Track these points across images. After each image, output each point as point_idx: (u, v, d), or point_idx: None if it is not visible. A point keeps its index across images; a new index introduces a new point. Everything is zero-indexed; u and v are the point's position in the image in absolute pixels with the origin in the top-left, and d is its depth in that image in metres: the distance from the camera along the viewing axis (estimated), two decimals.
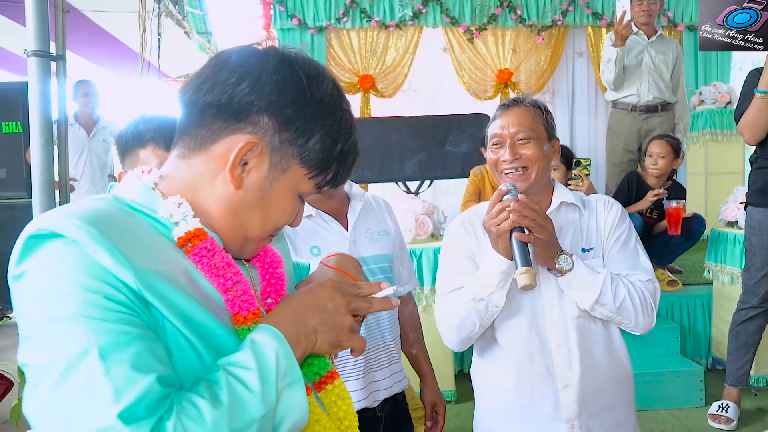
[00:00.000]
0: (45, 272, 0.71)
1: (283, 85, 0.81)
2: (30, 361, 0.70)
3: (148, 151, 1.47)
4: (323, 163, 0.85)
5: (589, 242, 1.65)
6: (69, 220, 0.72)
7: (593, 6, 6.34)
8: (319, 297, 0.85)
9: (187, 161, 0.84)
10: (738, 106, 3.07)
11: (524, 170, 1.60)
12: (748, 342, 3.19)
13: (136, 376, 0.67)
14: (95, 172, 5.06)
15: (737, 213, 3.70)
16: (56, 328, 0.69)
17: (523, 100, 1.67)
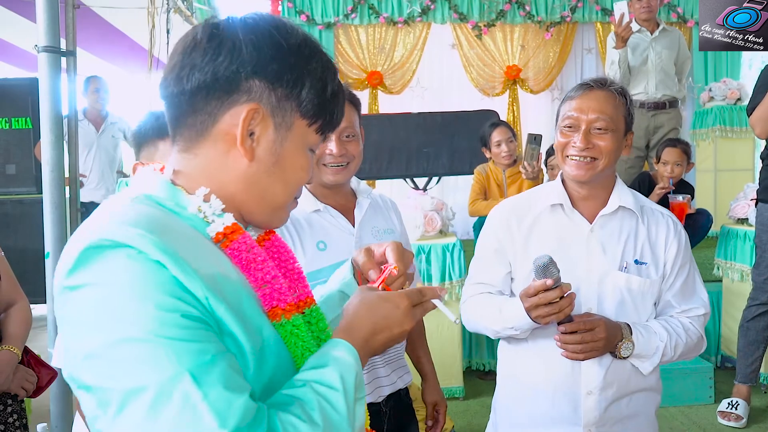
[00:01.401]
0: (113, 287, 0.68)
1: (259, 44, 0.80)
2: (101, 384, 0.68)
3: (168, 143, 1.48)
4: (320, 108, 0.85)
5: (643, 255, 1.55)
6: (131, 230, 0.70)
7: (602, 2, 6.30)
8: (390, 322, 0.88)
9: (193, 152, 0.83)
10: (751, 99, 3.05)
11: (593, 161, 1.49)
12: (758, 339, 3.17)
13: (232, 397, 0.67)
14: (104, 168, 5.09)
15: (747, 210, 3.68)
16: (134, 350, 0.67)
17: (609, 83, 1.52)
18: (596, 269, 1.53)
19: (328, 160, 1.62)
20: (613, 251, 1.54)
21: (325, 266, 1.65)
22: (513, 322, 1.49)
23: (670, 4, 6.23)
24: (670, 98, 4.44)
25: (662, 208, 1.65)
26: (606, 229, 1.55)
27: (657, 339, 1.51)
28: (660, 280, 1.56)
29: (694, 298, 1.60)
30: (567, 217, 1.57)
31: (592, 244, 1.54)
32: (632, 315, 1.55)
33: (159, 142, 1.49)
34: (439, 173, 5.24)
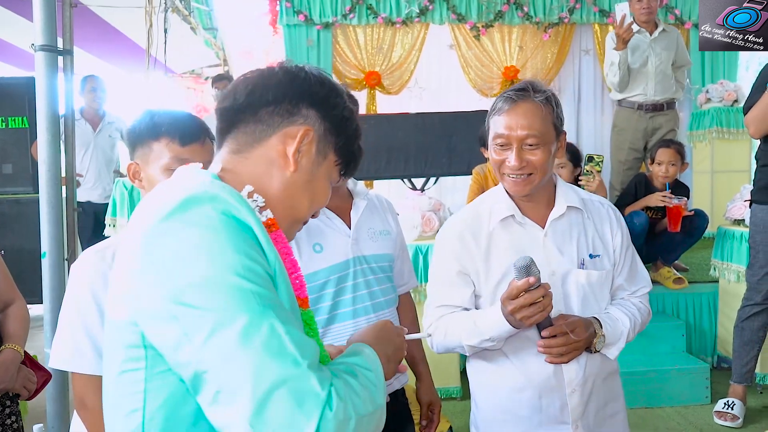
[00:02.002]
0: (213, 231, 0.79)
1: (323, 82, 0.98)
2: (191, 313, 0.75)
3: (162, 144, 1.47)
4: (349, 153, 1.02)
5: (595, 248, 1.60)
6: (224, 193, 0.84)
7: (600, 3, 6.30)
8: (390, 333, 1.06)
9: (245, 155, 0.96)
10: (748, 99, 3.06)
11: (528, 176, 1.53)
12: (753, 339, 3.18)
13: (308, 339, 0.80)
14: (101, 168, 5.07)
15: (744, 211, 3.69)
16: (226, 286, 0.76)
17: (532, 91, 1.53)
18: (557, 271, 1.57)
19: None
20: (569, 251, 1.58)
21: (322, 268, 1.66)
22: (491, 333, 1.49)
23: (667, 5, 6.23)
24: (668, 100, 4.45)
25: (600, 198, 1.71)
26: (557, 231, 1.59)
27: (621, 325, 1.60)
28: (612, 268, 1.64)
29: (639, 278, 1.71)
30: (519, 226, 1.60)
31: (548, 247, 1.58)
32: (594, 307, 1.60)
33: (153, 143, 1.48)
34: (437, 174, 5.24)
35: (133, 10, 4.79)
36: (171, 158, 1.46)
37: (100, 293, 1.41)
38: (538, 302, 1.40)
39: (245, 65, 7.24)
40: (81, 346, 1.40)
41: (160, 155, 1.47)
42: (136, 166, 1.51)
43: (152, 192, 0.95)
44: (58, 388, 2.39)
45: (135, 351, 0.82)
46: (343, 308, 1.68)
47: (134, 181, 1.52)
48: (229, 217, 0.81)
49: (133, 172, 1.51)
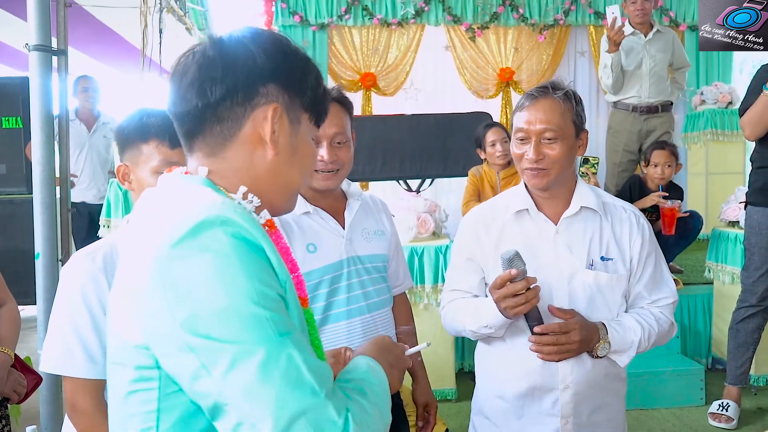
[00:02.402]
0: (225, 258, 0.77)
1: (269, 52, 0.91)
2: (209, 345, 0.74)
3: (151, 147, 1.46)
4: (317, 102, 0.97)
5: (609, 251, 1.61)
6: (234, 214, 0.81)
7: (595, 5, 6.32)
8: (387, 345, 1.06)
9: (221, 156, 0.92)
10: (744, 100, 3.06)
11: (546, 170, 1.56)
12: (748, 340, 3.19)
13: (321, 363, 0.80)
14: (96, 168, 5.05)
15: (738, 213, 3.70)
16: (242, 316, 0.75)
17: (553, 89, 1.58)
18: (565, 269, 1.59)
19: (320, 166, 1.62)
20: (579, 250, 1.60)
21: (315, 268, 1.65)
22: (487, 320, 1.55)
23: (662, 8, 6.26)
24: (663, 102, 4.43)
25: (624, 203, 1.71)
26: (571, 230, 1.62)
27: (632, 333, 1.58)
28: (627, 275, 1.62)
29: (662, 287, 1.67)
30: (532, 220, 1.64)
31: (558, 245, 1.61)
32: (603, 310, 1.60)
33: (142, 145, 1.46)
34: (433, 175, 5.24)
35: (128, 10, 4.77)
36: (160, 161, 1.45)
37: (90, 296, 1.40)
38: (520, 294, 1.44)
39: None
40: (72, 350, 1.38)
41: (150, 157, 1.46)
42: (125, 168, 1.49)
43: (145, 201, 0.94)
44: (52, 390, 2.37)
45: (147, 372, 0.81)
46: (337, 308, 1.68)
47: (124, 183, 1.51)
48: (241, 240, 0.78)
49: (123, 174, 1.50)
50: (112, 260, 1.45)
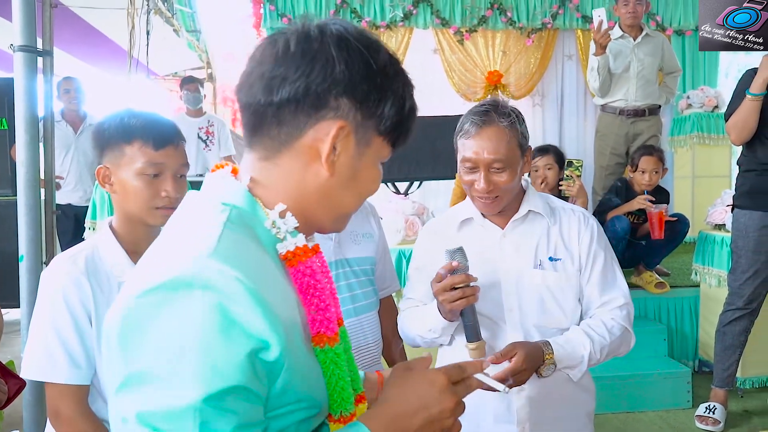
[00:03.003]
0: (184, 330, 0.68)
1: (351, 62, 0.80)
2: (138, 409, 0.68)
3: (135, 148, 1.43)
4: (398, 125, 0.86)
5: (557, 252, 1.63)
6: (214, 265, 0.70)
7: (583, 9, 6.36)
8: (425, 400, 0.83)
9: (273, 162, 0.84)
10: (729, 105, 3.10)
11: (496, 198, 1.59)
12: (734, 343, 3.21)
13: None
14: (82, 170, 5.00)
15: (725, 216, 3.73)
16: (172, 399, 0.67)
17: (496, 115, 1.56)
18: (512, 270, 1.61)
19: None
20: (526, 251, 1.62)
21: None
22: (431, 324, 1.57)
23: (649, 12, 6.30)
24: (650, 106, 4.46)
25: (574, 206, 1.73)
26: (517, 232, 1.65)
27: (580, 348, 1.55)
28: (577, 273, 1.62)
29: (613, 288, 1.64)
30: (481, 227, 1.68)
31: (505, 247, 1.64)
32: (555, 312, 1.60)
33: (125, 146, 1.43)
34: (421, 177, 5.23)
35: (115, 11, 4.74)
36: (145, 162, 1.43)
37: (73, 300, 1.38)
38: (458, 288, 1.44)
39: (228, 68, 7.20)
40: (54, 355, 1.36)
41: (133, 159, 1.43)
42: (106, 169, 1.46)
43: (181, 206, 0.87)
44: (35, 395, 2.34)
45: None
46: None
47: (104, 186, 1.48)
48: (219, 315, 0.69)
49: (103, 176, 1.47)
50: (94, 263, 1.43)
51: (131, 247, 1.48)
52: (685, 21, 6.40)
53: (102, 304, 1.40)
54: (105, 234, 1.49)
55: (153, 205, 1.45)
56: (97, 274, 1.42)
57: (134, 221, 1.48)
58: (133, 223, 1.49)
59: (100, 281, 1.42)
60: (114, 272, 1.44)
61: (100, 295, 1.41)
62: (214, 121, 5.49)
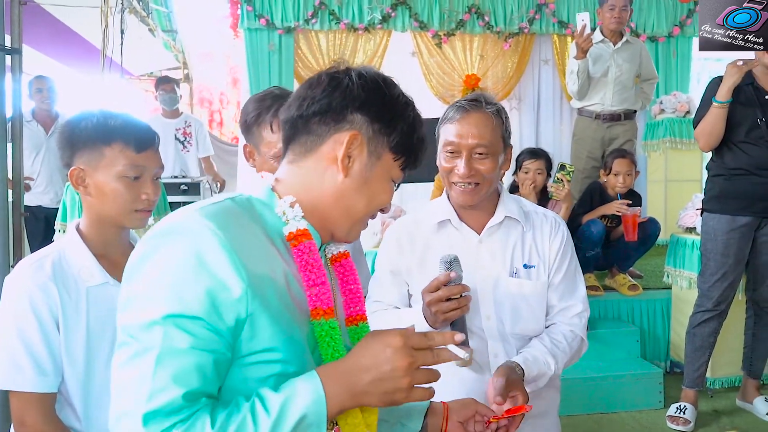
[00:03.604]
0: (164, 267, 0.86)
1: (367, 88, 1.00)
2: (123, 322, 0.89)
3: (116, 150, 1.41)
4: (406, 148, 1.04)
5: (531, 258, 1.63)
6: (198, 219, 0.89)
7: (559, 15, 6.43)
8: (377, 360, 0.89)
9: (298, 165, 1.02)
10: (697, 113, 3.16)
11: (476, 185, 1.56)
12: (704, 344, 3.26)
13: (171, 387, 0.83)
14: (53, 172, 4.91)
15: (695, 219, 3.79)
16: (144, 315, 0.85)
17: (483, 102, 1.57)
18: (488, 277, 1.60)
19: None
20: (502, 258, 1.61)
21: None
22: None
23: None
24: (626, 110, 4.51)
25: (546, 210, 1.72)
26: (493, 238, 1.63)
27: (545, 368, 1.54)
28: (547, 280, 1.63)
29: (573, 295, 1.66)
30: (456, 230, 1.64)
31: (481, 253, 1.62)
32: (528, 319, 1.61)
33: (105, 148, 1.41)
34: None
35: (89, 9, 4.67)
36: (126, 165, 1.41)
37: (40, 305, 1.35)
38: (454, 299, 1.41)
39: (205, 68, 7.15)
40: (19, 363, 1.33)
41: (114, 161, 1.41)
42: (80, 171, 1.42)
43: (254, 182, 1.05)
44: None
45: None
46: None
47: (78, 188, 1.44)
48: (190, 255, 0.86)
49: (77, 178, 1.43)
50: (61, 267, 1.40)
51: (99, 251, 1.45)
52: (658, 28, 6.51)
53: (69, 309, 1.37)
54: (72, 237, 1.45)
55: (133, 207, 1.44)
56: (65, 278, 1.39)
57: (106, 224, 1.46)
58: (103, 225, 1.46)
59: (68, 286, 1.39)
60: (82, 276, 1.41)
61: (68, 300, 1.38)
62: (192, 121, 5.43)
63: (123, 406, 0.84)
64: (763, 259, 3.17)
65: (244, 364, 0.90)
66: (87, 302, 1.40)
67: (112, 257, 1.47)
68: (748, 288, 3.37)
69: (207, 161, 5.48)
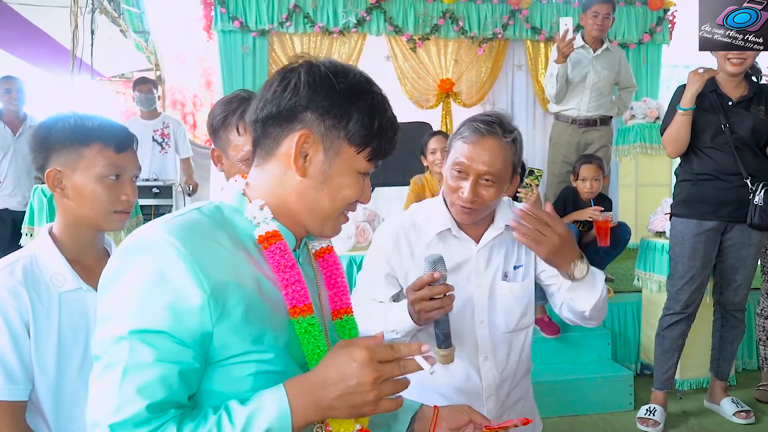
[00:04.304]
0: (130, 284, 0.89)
1: (314, 84, 0.98)
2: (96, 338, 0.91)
3: (95, 151, 1.39)
4: (366, 139, 1.00)
5: (519, 259, 1.69)
6: (162, 235, 0.90)
7: (532, 21, 6.50)
8: (343, 373, 0.89)
9: (263, 167, 1.03)
10: (663, 120, 3.24)
11: (477, 209, 1.58)
12: (673, 347, 3.32)
13: (135, 400, 0.85)
14: (20, 174, 4.81)
15: (665, 223, 3.85)
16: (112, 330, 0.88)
17: (500, 128, 1.55)
18: (485, 284, 1.65)
19: None
20: (495, 264, 1.66)
21: None
22: (395, 325, 1.53)
23: None
24: (602, 116, 4.57)
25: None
26: (488, 246, 1.66)
27: (599, 282, 1.55)
28: (533, 275, 1.70)
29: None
30: (456, 239, 1.66)
31: (479, 261, 1.65)
32: (521, 315, 1.68)
33: (83, 149, 1.38)
34: (372, 184, 5.20)
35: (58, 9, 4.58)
36: (105, 166, 1.39)
37: (10, 311, 1.31)
38: (437, 298, 1.42)
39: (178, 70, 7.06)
40: None
41: (93, 162, 1.39)
42: (57, 172, 1.39)
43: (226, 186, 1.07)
44: None
45: None
46: None
47: (55, 190, 1.41)
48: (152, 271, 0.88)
49: (54, 180, 1.40)
50: (32, 272, 1.37)
51: (73, 255, 1.42)
52: (628, 35, 6.62)
53: (41, 314, 1.34)
54: (44, 241, 1.42)
55: (112, 209, 1.42)
56: (36, 283, 1.36)
57: (82, 227, 1.43)
58: (79, 229, 1.43)
59: (39, 291, 1.36)
60: (54, 281, 1.38)
61: (39, 306, 1.35)
62: (170, 122, 5.34)
63: (94, 417, 0.87)
64: (729, 262, 3.24)
65: (222, 366, 0.92)
66: (59, 308, 1.37)
67: (86, 262, 1.45)
68: (715, 291, 3.44)
69: (186, 162, 5.40)
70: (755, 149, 3.07)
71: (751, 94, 3.07)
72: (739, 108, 3.07)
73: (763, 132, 3.05)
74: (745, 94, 3.08)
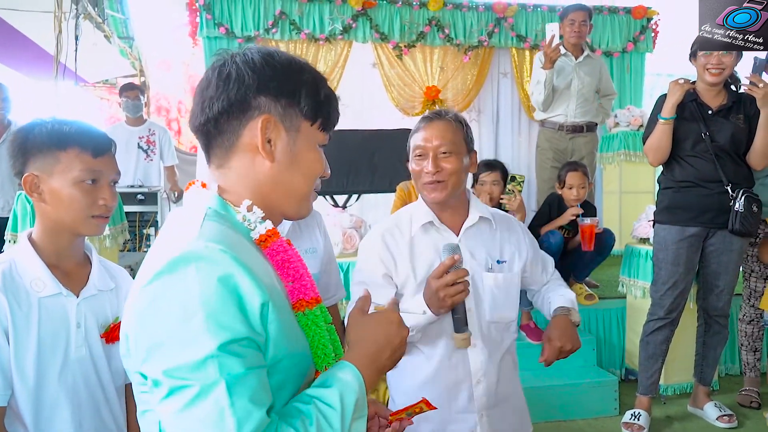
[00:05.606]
0: (187, 295, 0.83)
1: (256, 68, 0.98)
2: (164, 368, 0.83)
3: (71, 155, 1.39)
4: (317, 110, 1.02)
5: (502, 255, 1.80)
6: (201, 243, 0.87)
7: (517, 29, 6.56)
8: (389, 335, 1.04)
9: (227, 167, 1.01)
10: (645, 129, 3.30)
11: (443, 182, 1.71)
12: (657, 352, 3.35)
13: (253, 409, 0.83)
14: (4, 180, 4.73)
15: (648, 230, 3.89)
16: (188, 354, 0.82)
17: (445, 113, 1.77)
18: (470, 274, 1.70)
19: None
20: (479, 256, 1.77)
21: None
22: (412, 321, 1.60)
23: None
24: (588, 122, 4.63)
25: (505, 214, 1.94)
26: (470, 238, 1.78)
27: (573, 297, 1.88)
28: (520, 273, 1.82)
29: (547, 264, 1.96)
30: (437, 232, 1.78)
31: (463, 253, 1.73)
32: (505, 308, 1.77)
33: (60, 153, 1.38)
34: (359, 191, 5.24)
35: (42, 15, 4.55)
36: (82, 170, 1.39)
37: None
38: (460, 282, 1.56)
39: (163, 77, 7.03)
40: None
41: (70, 166, 1.38)
42: (34, 177, 1.40)
43: (168, 220, 1.01)
44: None
45: (147, 396, 0.91)
46: None
47: (32, 195, 1.41)
48: (213, 280, 0.84)
49: (31, 185, 1.40)
50: (11, 278, 1.36)
51: (52, 261, 1.42)
52: (612, 43, 6.70)
53: (20, 320, 1.34)
54: (23, 247, 1.42)
55: (90, 213, 1.42)
56: (15, 289, 1.36)
57: (61, 232, 1.43)
58: (58, 234, 1.43)
59: (18, 297, 1.35)
60: (33, 287, 1.37)
61: (18, 311, 1.34)
62: (156, 129, 5.29)
63: None
64: (711, 268, 3.28)
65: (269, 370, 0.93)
66: (39, 313, 1.37)
67: (66, 267, 1.44)
68: (698, 297, 3.48)
69: (171, 170, 5.37)
70: (735, 157, 3.12)
71: (730, 102, 3.13)
72: (718, 117, 3.12)
73: (742, 140, 3.10)
74: (724, 103, 3.13)
